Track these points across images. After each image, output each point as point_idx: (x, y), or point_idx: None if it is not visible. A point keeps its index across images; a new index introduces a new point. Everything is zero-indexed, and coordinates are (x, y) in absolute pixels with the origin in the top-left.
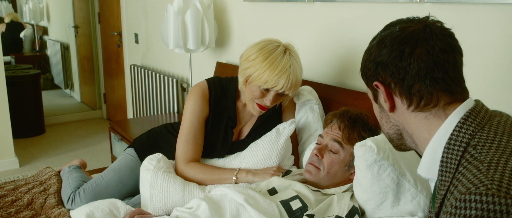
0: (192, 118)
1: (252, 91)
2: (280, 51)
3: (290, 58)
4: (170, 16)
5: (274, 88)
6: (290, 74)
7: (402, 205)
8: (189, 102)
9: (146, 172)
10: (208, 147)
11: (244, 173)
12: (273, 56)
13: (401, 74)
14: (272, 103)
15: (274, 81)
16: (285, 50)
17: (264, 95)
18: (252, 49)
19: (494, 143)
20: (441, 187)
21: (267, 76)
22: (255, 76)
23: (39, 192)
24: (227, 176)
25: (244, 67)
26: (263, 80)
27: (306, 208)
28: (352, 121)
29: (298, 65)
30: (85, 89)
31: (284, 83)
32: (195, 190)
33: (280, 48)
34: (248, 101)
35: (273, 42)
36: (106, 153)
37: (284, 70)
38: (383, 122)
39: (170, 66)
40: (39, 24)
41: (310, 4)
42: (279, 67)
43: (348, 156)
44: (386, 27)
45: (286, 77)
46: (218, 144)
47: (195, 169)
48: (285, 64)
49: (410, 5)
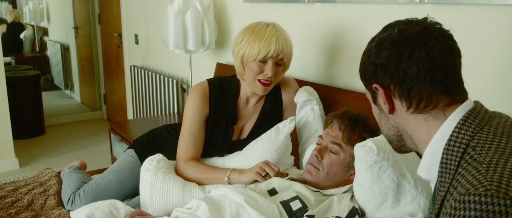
0: (192, 117)
1: (251, 69)
2: (262, 25)
3: (274, 27)
4: (170, 17)
5: (268, 55)
6: (278, 37)
7: (402, 206)
8: (189, 102)
9: (146, 172)
10: (209, 145)
11: (237, 174)
12: (257, 30)
13: (401, 77)
14: (273, 73)
15: (266, 48)
16: (267, 24)
17: (263, 69)
18: (237, 35)
19: (493, 144)
20: (441, 188)
21: (258, 46)
22: (247, 53)
23: (39, 193)
24: (220, 175)
25: (236, 52)
26: (256, 52)
27: (306, 208)
28: (353, 121)
29: (285, 34)
30: (85, 90)
31: (275, 47)
32: (195, 190)
33: (262, 23)
34: (250, 83)
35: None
36: (106, 153)
37: (271, 36)
38: (382, 123)
39: (170, 67)
40: (39, 25)
41: (310, 5)
42: (266, 35)
43: (348, 156)
44: (385, 29)
45: (275, 40)
46: (219, 142)
47: (193, 167)
48: (270, 31)
49: (410, 6)
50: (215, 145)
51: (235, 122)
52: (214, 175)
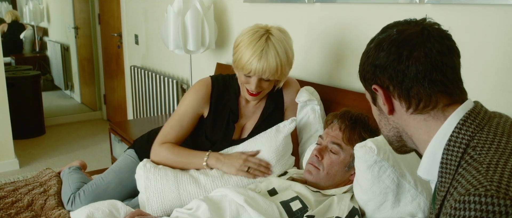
0: (186, 109)
1: (239, 77)
2: (258, 35)
3: (265, 42)
4: (170, 17)
5: (249, 73)
6: (261, 58)
7: (402, 206)
8: (189, 94)
9: (139, 178)
10: (209, 142)
11: (214, 159)
12: (251, 40)
13: (400, 77)
14: (257, 89)
15: (247, 66)
16: (264, 34)
17: (248, 81)
18: (240, 35)
19: (493, 144)
20: (441, 188)
21: (244, 62)
22: (237, 62)
23: (39, 193)
24: (197, 160)
25: (233, 53)
26: (241, 65)
27: (306, 209)
28: (353, 121)
29: (276, 50)
30: (85, 90)
31: (256, 68)
32: (189, 187)
33: (260, 32)
34: (241, 87)
35: (260, 27)
36: (106, 154)
37: (256, 54)
38: (382, 124)
39: (170, 67)
40: (39, 25)
41: (310, 5)
42: (252, 51)
43: (348, 156)
44: (384, 29)
45: (257, 61)
46: (219, 139)
47: (168, 150)
48: (257, 48)
49: (410, 6)
50: (216, 142)
51: (236, 119)
52: (188, 159)
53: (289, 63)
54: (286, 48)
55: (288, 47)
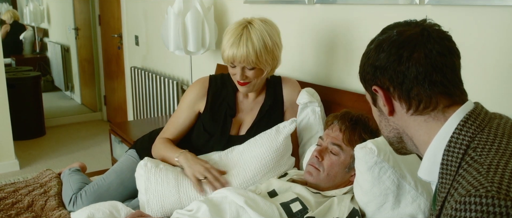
0: (184, 106)
1: (229, 69)
2: (238, 24)
3: (243, 30)
4: (170, 18)
5: (226, 61)
6: (233, 44)
7: (403, 207)
8: (187, 91)
9: (140, 178)
10: (207, 134)
11: (183, 158)
12: (231, 30)
13: (400, 78)
14: (241, 77)
15: (224, 54)
16: (243, 24)
17: (234, 72)
18: None
19: (494, 145)
20: (442, 189)
21: (224, 50)
22: (221, 53)
23: (39, 194)
24: (172, 154)
25: None
26: (224, 55)
27: (306, 210)
28: (353, 122)
29: (253, 37)
30: (85, 91)
31: (229, 54)
32: (189, 190)
33: (242, 22)
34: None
35: (244, 19)
36: (106, 155)
37: (231, 41)
38: (382, 125)
39: (171, 68)
40: (39, 26)
41: (310, 6)
42: (232, 39)
43: (348, 158)
44: (384, 30)
45: (229, 47)
46: (217, 133)
47: (158, 144)
48: (233, 35)
49: (410, 7)
50: (213, 135)
51: (234, 113)
52: (166, 153)
53: (268, 51)
54: (263, 36)
55: (266, 35)
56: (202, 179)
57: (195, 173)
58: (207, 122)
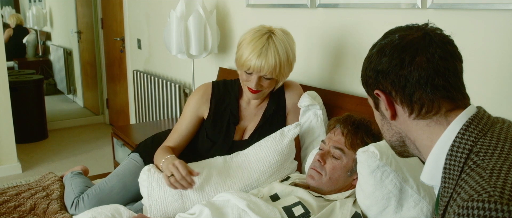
0: (187, 114)
1: (241, 75)
2: (260, 33)
3: (267, 41)
4: (172, 22)
5: (249, 70)
6: (261, 55)
7: (405, 211)
8: (190, 99)
9: (142, 183)
10: (210, 142)
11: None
12: (254, 37)
13: (402, 83)
14: (257, 86)
15: (247, 63)
16: (266, 33)
17: (249, 79)
18: (244, 34)
19: (496, 150)
20: (444, 193)
21: (244, 58)
22: (237, 59)
23: (41, 197)
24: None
25: (236, 52)
26: (241, 62)
27: (309, 214)
28: (355, 126)
29: (277, 48)
30: (87, 94)
31: (255, 65)
32: (192, 195)
33: (263, 31)
34: (242, 86)
35: (264, 27)
36: (108, 158)
37: (256, 51)
38: (384, 129)
39: (173, 71)
40: (42, 29)
41: (313, 10)
42: (254, 48)
43: (350, 161)
44: (386, 35)
45: (256, 58)
46: (220, 140)
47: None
48: (257, 45)
49: (413, 11)
50: (216, 142)
51: (237, 121)
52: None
53: (289, 64)
54: (286, 49)
55: (289, 48)
56: (168, 175)
57: (165, 170)
58: (210, 129)
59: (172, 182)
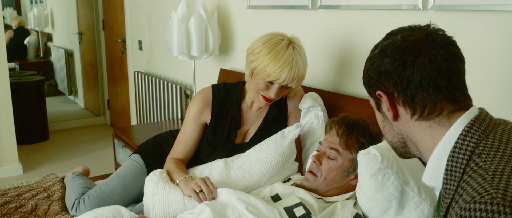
0: (190, 120)
1: (257, 84)
2: (284, 44)
3: (293, 52)
4: (174, 23)
5: (277, 81)
6: (292, 67)
7: (406, 213)
8: (191, 105)
9: (149, 182)
10: (211, 147)
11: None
12: (276, 49)
13: (404, 84)
14: (276, 96)
15: (277, 74)
16: (289, 44)
17: (269, 88)
18: (257, 42)
19: (499, 151)
20: (446, 195)
21: (270, 69)
22: (259, 69)
23: (43, 198)
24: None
25: (250, 60)
26: (267, 73)
27: (310, 215)
28: (350, 126)
29: (302, 58)
30: (89, 95)
31: (286, 76)
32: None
33: (284, 41)
34: (254, 93)
35: (278, 36)
36: (109, 159)
37: (287, 63)
38: (386, 130)
39: (174, 73)
40: (43, 30)
41: (314, 12)
42: (282, 60)
43: (346, 161)
44: (388, 36)
45: (288, 70)
46: (221, 145)
47: (168, 165)
48: (288, 57)
49: (414, 12)
50: (217, 147)
51: (239, 126)
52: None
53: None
54: (306, 59)
55: (306, 58)
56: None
57: (193, 186)
58: (210, 134)
59: (202, 198)
